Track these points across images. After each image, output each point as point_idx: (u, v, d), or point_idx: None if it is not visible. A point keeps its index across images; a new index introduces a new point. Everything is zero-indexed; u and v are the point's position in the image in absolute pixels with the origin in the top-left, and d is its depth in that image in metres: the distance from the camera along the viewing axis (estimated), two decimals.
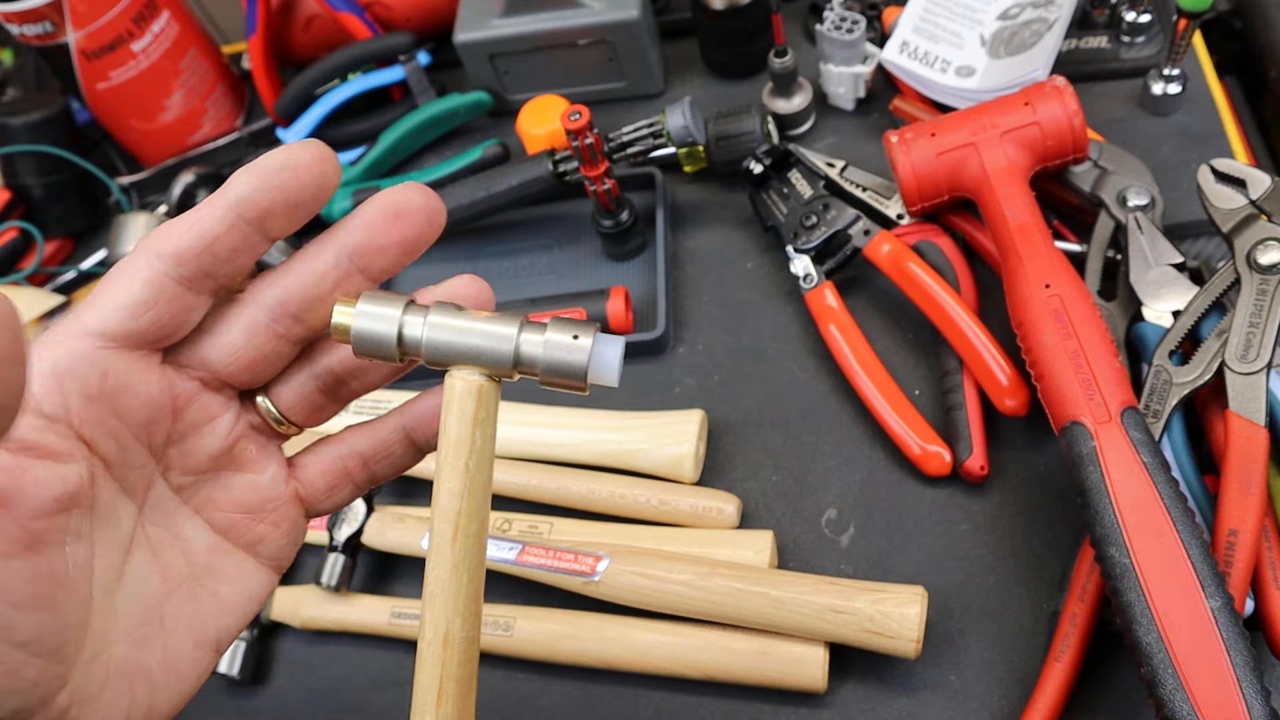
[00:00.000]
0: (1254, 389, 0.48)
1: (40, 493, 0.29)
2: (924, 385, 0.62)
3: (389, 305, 0.31)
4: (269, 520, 0.35)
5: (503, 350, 0.31)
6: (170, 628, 0.33)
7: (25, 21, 0.75)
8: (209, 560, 0.34)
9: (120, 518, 0.32)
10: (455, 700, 0.33)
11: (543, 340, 0.31)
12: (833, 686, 0.53)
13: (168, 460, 0.33)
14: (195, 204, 0.77)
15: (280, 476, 0.35)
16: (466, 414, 0.31)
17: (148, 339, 0.31)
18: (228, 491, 0.34)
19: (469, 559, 0.32)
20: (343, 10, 0.82)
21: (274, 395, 0.35)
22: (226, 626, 0.34)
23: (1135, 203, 0.58)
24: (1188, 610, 0.42)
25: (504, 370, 0.31)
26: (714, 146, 0.71)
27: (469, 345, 0.31)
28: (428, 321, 0.31)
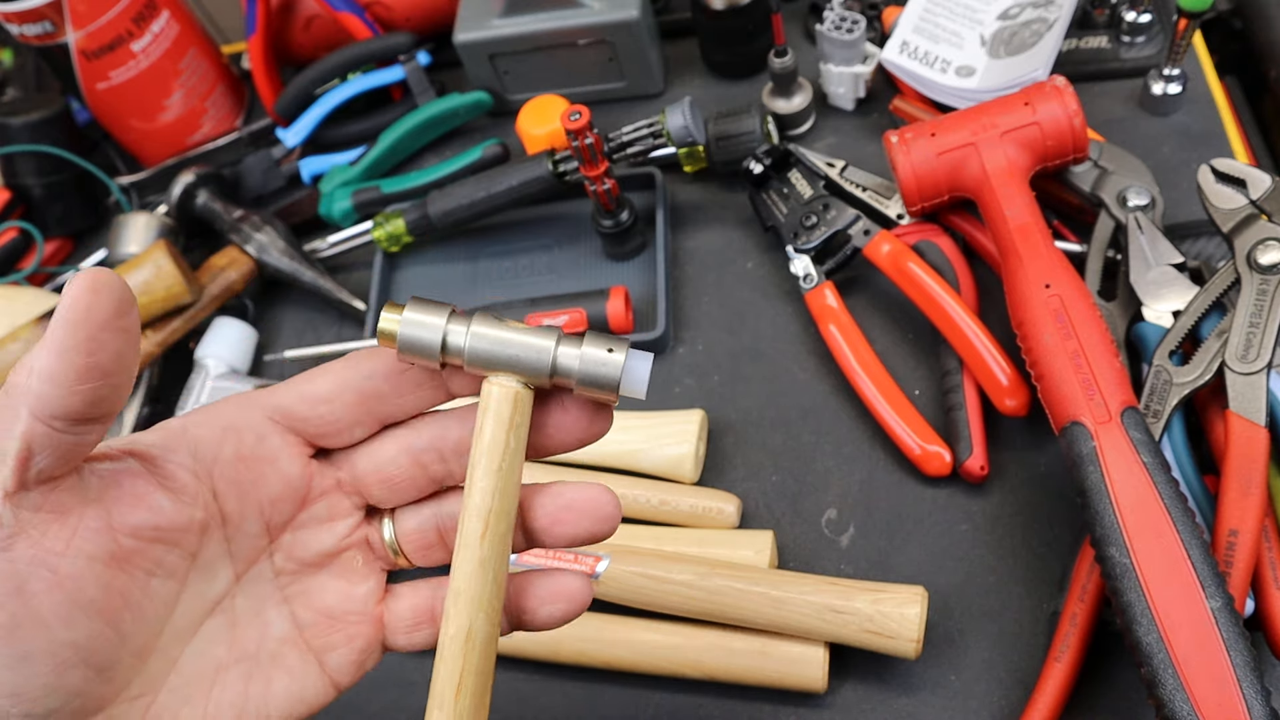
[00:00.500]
0: (1254, 389, 0.48)
1: (147, 516, 0.31)
2: (924, 385, 0.62)
3: (434, 314, 0.33)
4: (346, 632, 0.36)
5: (541, 361, 0.33)
6: (217, 696, 0.33)
7: (25, 21, 0.75)
8: (279, 649, 0.35)
9: (217, 577, 0.34)
10: (473, 694, 0.34)
11: (579, 354, 0.33)
12: (833, 686, 0.53)
13: (280, 544, 0.35)
14: (195, 204, 0.78)
15: (373, 596, 0.37)
16: (503, 418, 0.33)
17: (309, 431, 0.34)
18: (321, 592, 0.36)
19: (495, 557, 0.33)
20: (343, 10, 0.82)
21: (398, 520, 0.37)
22: (267, 717, 0.34)
23: (1135, 203, 0.58)
24: (1188, 610, 0.42)
25: (540, 379, 0.33)
26: (714, 146, 0.71)
27: (509, 354, 0.33)
28: (471, 330, 0.33)
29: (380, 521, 0.37)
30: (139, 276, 0.68)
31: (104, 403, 0.28)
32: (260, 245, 0.74)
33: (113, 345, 0.28)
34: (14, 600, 0.28)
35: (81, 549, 0.29)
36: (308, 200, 0.80)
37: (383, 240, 0.74)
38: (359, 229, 0.76)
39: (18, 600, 0.28)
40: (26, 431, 0.28)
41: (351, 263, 0.78)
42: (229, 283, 0.73)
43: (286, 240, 0.75)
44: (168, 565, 0.32)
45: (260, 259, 0.74)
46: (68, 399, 0.28)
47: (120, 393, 0.29)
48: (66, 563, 0.29)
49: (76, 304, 0.27)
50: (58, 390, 0.27)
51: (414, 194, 0.76)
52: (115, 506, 0.30)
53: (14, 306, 0.72)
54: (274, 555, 0.35)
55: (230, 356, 0.72)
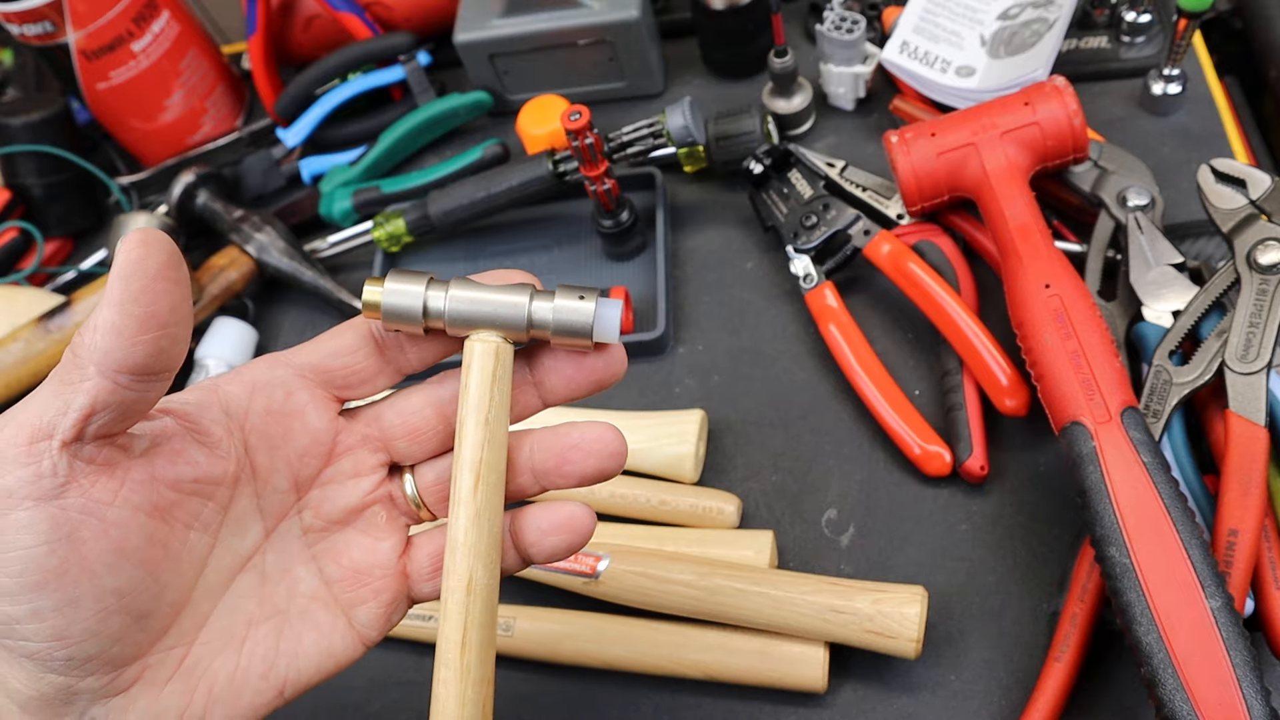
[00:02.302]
0: (1254, 389, 0.48)
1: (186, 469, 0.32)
2: (924, 385, 0.62)
3: (414, 283, 0.35)
4: (372, 587, 0.37)
5: (516, 315, 0.35)
6: (248, 651, 0.34)
7: (25, 21, 0.75)
8: (308, 605, 0.36)
9: (248, 533, 0.35)
10: (478, 649, 0.34)
11: (552, 306, 0.35)
12: (833, 686, 0.53)
13: (308, 501, 0.37)
14: (195, 204, 0.78)
15: (396, 550, 0.38)
16: (486, 372, 0.35)
17: (335, 382, 0.36)
18: (348, 548, 0.37)
19: (489, 508, 0.35)
20: (343, 10, 0.82)
21: (418, 474, 0.38)
22: (298, 673, 0.35)
23: (1135, 203, 0.58)
24: (1188, 610, 0.42)
25: (518, 333, 0.35)
26: (714, 146, 0.71)
27: (486, 312, 0.35)
28: (449, 294, 0.35)
29: (401, 478, 0.38)
30: None
31: (164, 355, 0.30)
32: (260, 245, 0.74)
33: (167, 295, 0.29)
34: (64, 546, 0.29)
35: (128, 500, 0.31)
36: (308, 200, 0.80)
37: (383, 240, 0.74)
38: (359, 229, 0.76)
39: (68, 546, 0.29)
40: (93, 387, 0.29)
41: (351, 263, 0.78)
42: (229, 283, 0.73)
43: (286, 240, 0.75)
44: (203, 518, 0.33)
45: (260, 259, 0.74)
46: (131, 351, 0.29)
47: (179, 345, 0.30)
48: (114, 512, 0.30)
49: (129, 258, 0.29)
50: (121, 342, 0.29)
51: (414, 194, 0.76)
52: (157, 460, 0.32)
53: (14, 306, 0.72)
54: (302, 512, 0.37)
55: (230, 356, 0.72)
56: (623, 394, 0.66)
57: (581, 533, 0.36)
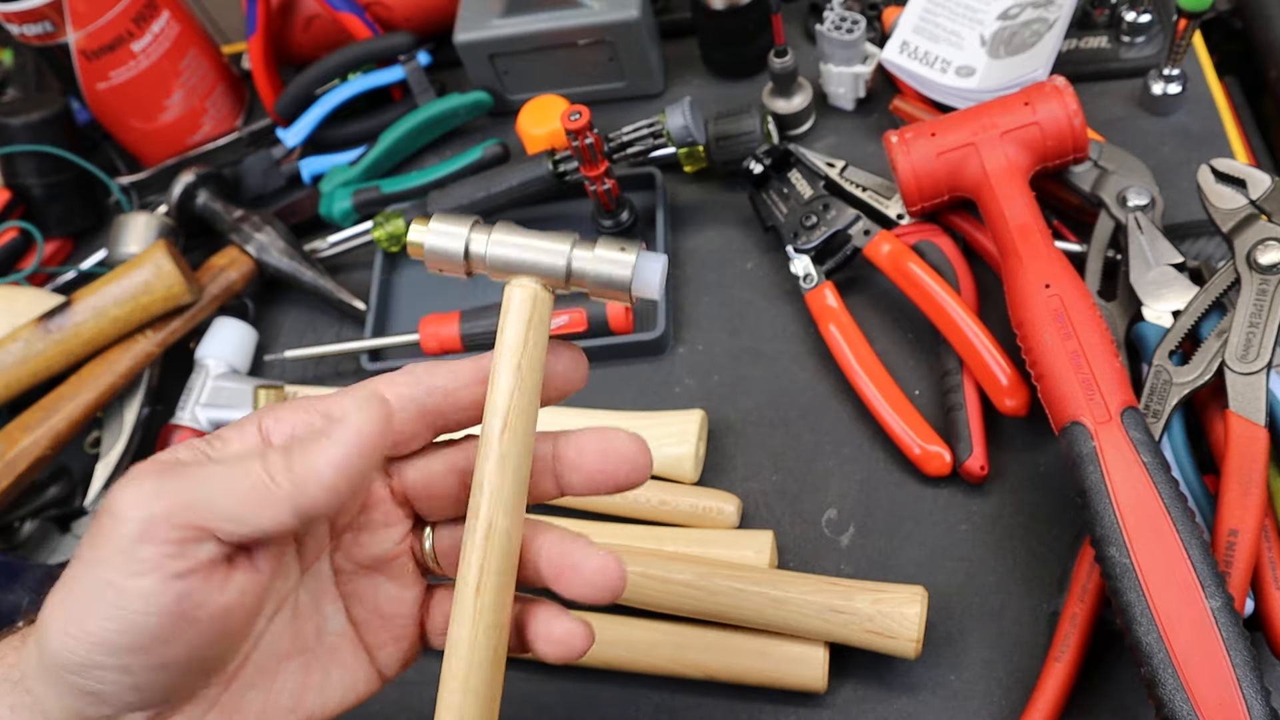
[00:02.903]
0: (1254, 389, 0.48)
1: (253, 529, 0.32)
2: (924, 385, 0.62)
3: (458, 224, 0.35)
4: (393, 633, 0.38)
5: (557, 263, 0.34)
6: (278, 686, 0.35)
7: (25, 21, 0.75)
8: (335, 642, 0.37)
9: (290, 575, 0.36)
10: (493, 592, 0.34)
11: (592, 255, 0.34)
12: (833, 686, 0.53)
13: (340, 543, 0.37)
14: (195, 204, 0.78)
15: (417, 600, 0.38)
16: (522, 317, 0.34)
17: None
18: (373, 592, 0.38)
19: (515, 455, 0.34)
20: (343, 10, 0.82)
21: (438, 533, 0.38)
22: (323, 707, 0.36)
23: (1135, 203, 0.58)
24: (1188, 610, 0.42)
25: (557, 280, 0.35)
26: (714, 146, 0.71)
27: (527, 259, 0.35)
28: (491, 238, 0.35)
29: (423, 532, 0.38)
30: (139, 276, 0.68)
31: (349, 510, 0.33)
32: (260, 245, 0.74)
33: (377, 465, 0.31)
34: (176, 622, 0.30)
35: (242, 586, 0.32)
36: (308, 200, 0.80)
37: (383, 240, 0.74)
38: (359, 229, 0.76)
39: (179, 623, 0.30)
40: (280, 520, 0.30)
41: (351, 263, 0.78)
42: (229, 283, 0.73)
43: (286, 240, 0.75)
44: (271, 570, 0.34)
45: (260, 259, 0.74)
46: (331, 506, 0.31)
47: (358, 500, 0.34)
48: (227, 597, 0.31)
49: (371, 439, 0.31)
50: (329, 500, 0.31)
51: (414, 194, 0.76)
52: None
53: (14, 306, 0.72)
54: (334, 555, 0.37)
55: (230, 356, 0.72)
56: (623, 394, 0.66)
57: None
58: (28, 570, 0.62)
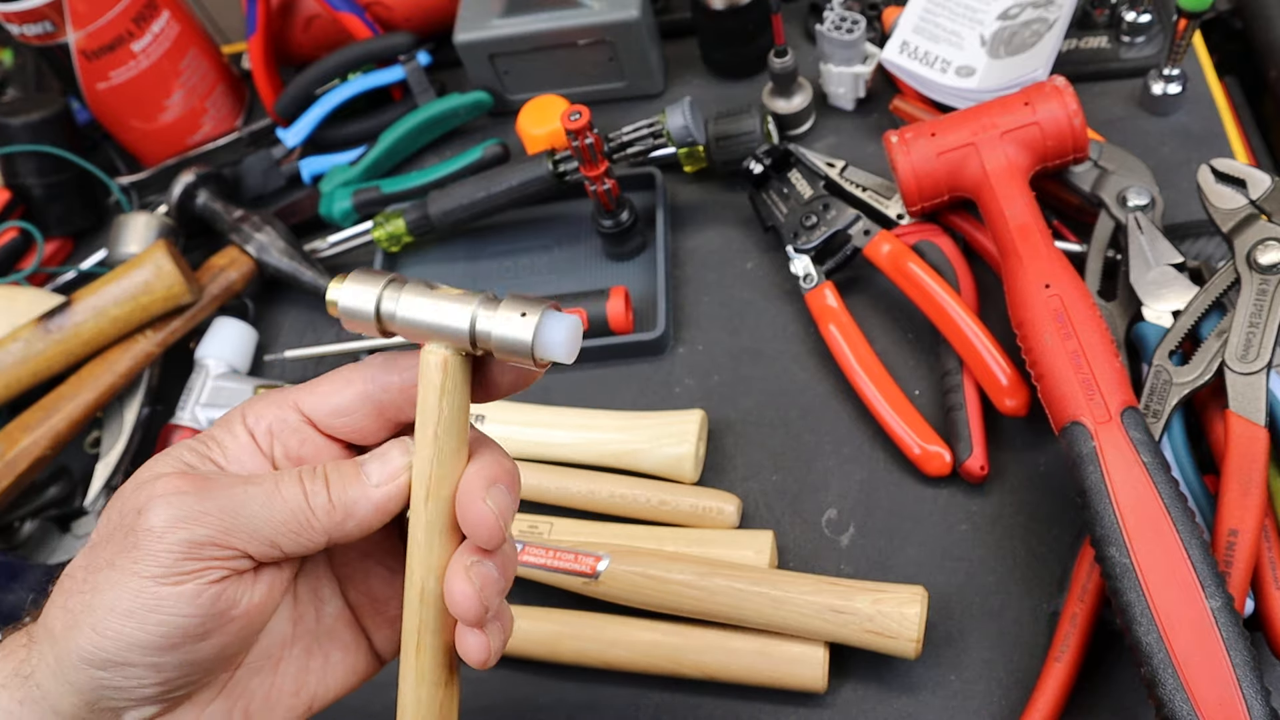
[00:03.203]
0: (1254, 389, 0.48)
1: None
2: (924, 385, 0.62)
3: (371, 284, 0.34)
4: (387, 615, 0.38)
5: (460, 327, 0.33)
6: (282, 670, 0.36)
7: (25, 21, 0.75)
8: (334, 625, 0.38)
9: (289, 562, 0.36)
10: (432, 653, 0.35)
11: (494, 316, 0.32)
12: (833, 686, 0.53)
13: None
14: (195, 204, 0.78)
15: None
16: (433, 385, 0.33)
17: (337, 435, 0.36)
18: (366, 576, 0.38)
19: (440, 520, 0.34)
20: (343, 10, 0.82)
21: None
22: (326, 689, 0.37)
23: (1135, 203, 0.58)
24: (1188, 610, 0.42)
25: (464, 345, 0.33)
26: (714, 146, 0.71)
27: (433, 322, 0.33)
28: (400, 300, 0.33)
29: None
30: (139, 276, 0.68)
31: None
32: (260, 245, 0.74)
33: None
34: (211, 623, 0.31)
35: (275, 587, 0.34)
36: (308, 200, 0.80)
37: (383, 240, 0.74)
38: (359, 229, 0.76)
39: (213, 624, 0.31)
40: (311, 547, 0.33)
41: (351, 263, 0.78)
42: (229, 283, 0.73)
43: (286, 240, 0.75)
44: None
45: (260, 259, 0.74)
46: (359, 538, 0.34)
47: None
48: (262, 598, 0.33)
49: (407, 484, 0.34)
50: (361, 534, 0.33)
51: (414, 194, 0.76)
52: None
53: (14, 306, 0.72)
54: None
55: (230, 356, 0.72)
56: (623, 394, 0.66)
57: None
58: (28, 570, 0.62)
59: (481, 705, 0.56)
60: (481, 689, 0.57)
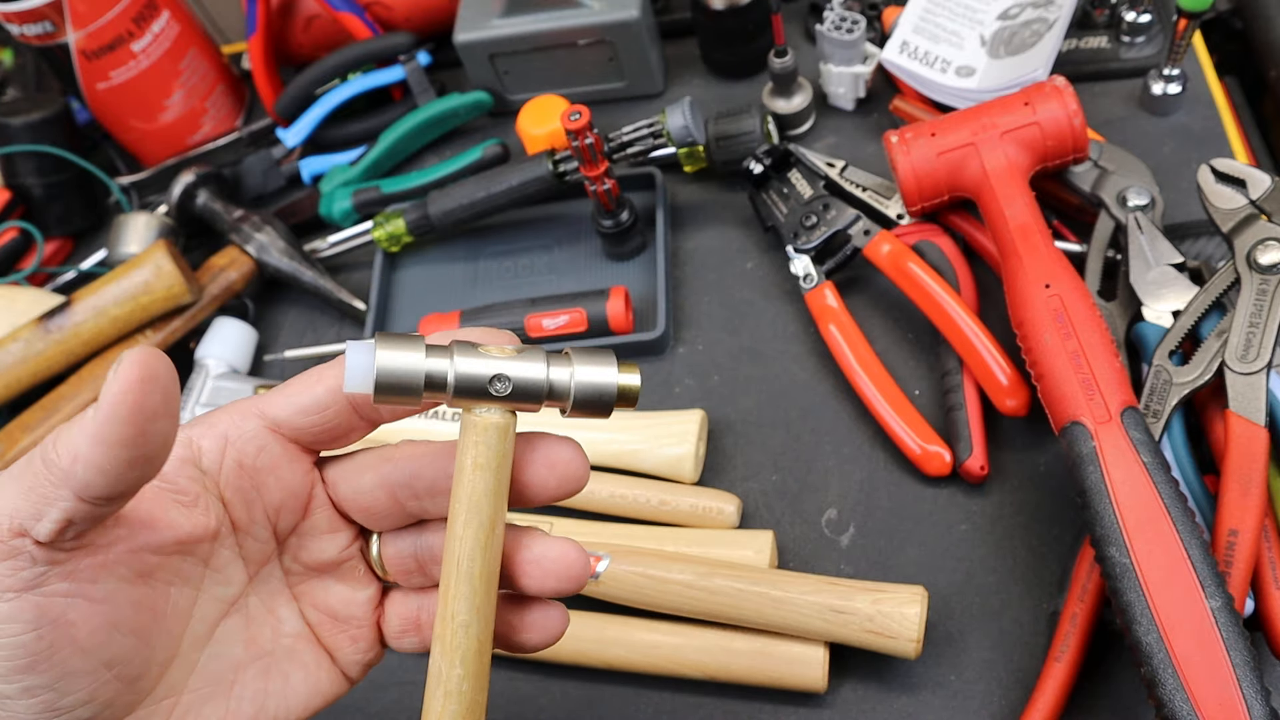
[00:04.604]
0: (1254, 389, 0.48)
1: (167, 534, 0.32)
2: (924, 385, 0.62)
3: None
4: (350, 634, 0.37)
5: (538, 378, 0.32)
6: (237, 694, 0.34)
7: (25, 21, 0.75)
8: (293, 644, 0.36)
9: (231, 580, 0.35)
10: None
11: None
12: (833, 686, 0.53)
13: (288, 547, 0.36)
14: (195, 204, 0.78)
15: (372, 602, 0.38)
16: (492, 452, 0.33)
17: (305, 439, 0.34)
18: (326, 593, 0.37)
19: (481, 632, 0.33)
20: (343, 10, 0.82)
21: (383, 542, 0.37)
22: (287, 713, 0.36)
23: (1135, 203, 0.58)
24: (1188, 610, 0.42)
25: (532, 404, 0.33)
26: (714, 146, 0.71)
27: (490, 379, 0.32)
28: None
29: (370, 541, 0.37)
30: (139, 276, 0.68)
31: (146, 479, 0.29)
32: (260, 245, 0.74)
33: (161, 436, 0.28)
34: (52, 630, 0.29)
35: (113, 574, 0.30)
36: (308, 200, 0.80)
37: (383, 240, 0.74)
38: (359, 229, 0.76)
39: (56, 629, 0.29)
40: (71, 510, 0.28)
41: (351, 263, 0.78)
42: (229, 283, 0.73)
43: (286, 240, 0.75)
44: (185, 574, 0.33)
45: (260, 259, 0.74)
46: (114, 486, 0.28)
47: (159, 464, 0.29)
48: (100, 589, 0.30)
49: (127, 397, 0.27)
50: (105, 479, 0.28)
51: (414, 194, 0.76)
52: (139, 530, 0.31)
53: (14, 306, 0.72)
54: (283, 556, 0.36)
55: (230, 356, 0.72)
56: None
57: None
58: None
59: None
60: None
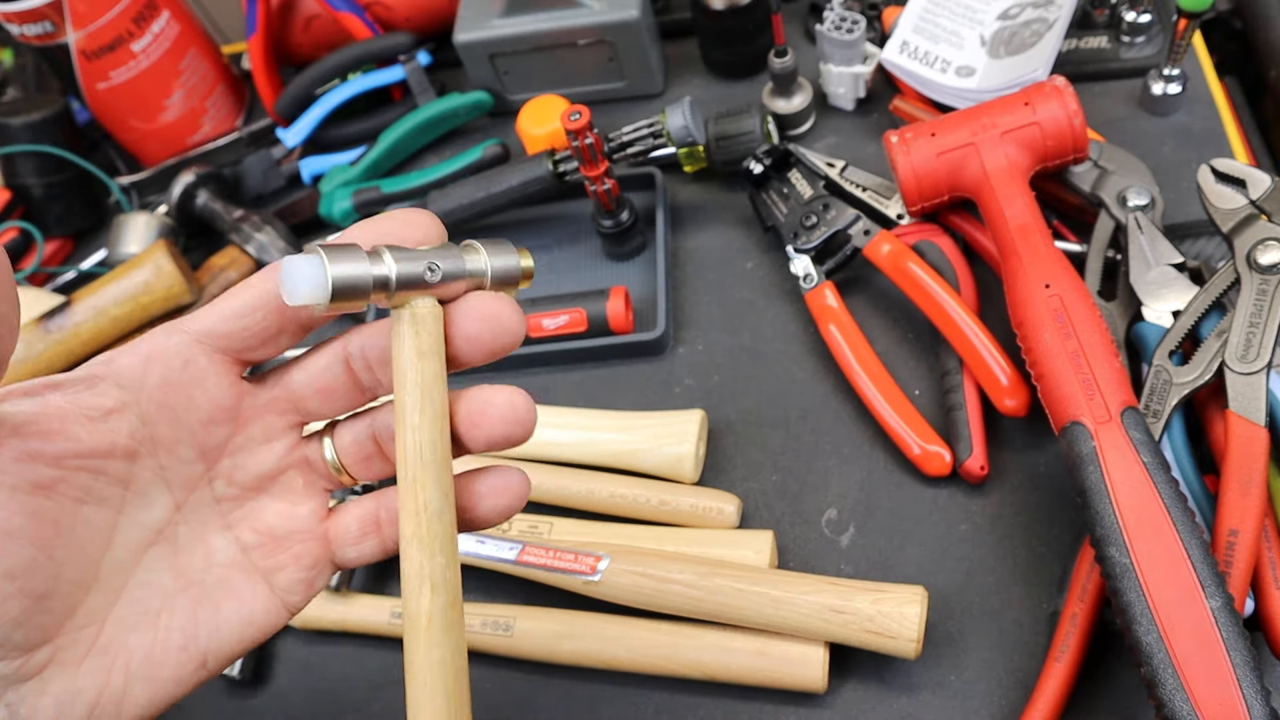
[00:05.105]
0: (1254, 389, 0.48)
1: (66, 445, 0.31)
2: (924, 385, 0.62)
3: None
4: (292, 552, 0.36)
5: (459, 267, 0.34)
6: (165, 624, 0.34)
7: (25, 21, 0.75)
8: (225, 574, 0.35)
9: (154, 505, 0.34)
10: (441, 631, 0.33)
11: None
12: (833, 686, 0.53)
13: (219, 470, 0.35)
14: (195, 204, 0.78)
15: (316, 515, 0.37)
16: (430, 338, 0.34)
17: (235, 346, 0.34)
18: (263, 514, 0.36)
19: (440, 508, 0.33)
20: (343, 10, 0.82)
21: (336, 436, 0.37)
22: (220, 643, 0.35)
23: (1135, 203, 0.58)
24: (1188, 610, 0.42)
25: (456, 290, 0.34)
26: (714, 146, 0.71)
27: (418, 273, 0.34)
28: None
29: (320, 441, 0.37)
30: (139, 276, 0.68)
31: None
32: (260, 245, 0.74)
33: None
34: None
35: (2, 482, 0.30)
36: (308, 200, 0.80)
37: None
38: None
39: None
40: None
41: None
42: (229, 283, 0.73)
43: (286, 240, 0.75)
44: (98, 493, 0.32)
45: (260, 259, 0.74)
46: None
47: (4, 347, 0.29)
48: None
49: None
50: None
51: (414, 194, 0.76)
52: (33, 439, 0.30)
53: None
54: (214, 482, 0.35)
55: None
56: (623, 394, 0.66)
57: (519, 495, 0.35)
58: None
59: (481, 705, 0.56)
60: (481, 689, 0.57)
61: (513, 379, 0.68)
